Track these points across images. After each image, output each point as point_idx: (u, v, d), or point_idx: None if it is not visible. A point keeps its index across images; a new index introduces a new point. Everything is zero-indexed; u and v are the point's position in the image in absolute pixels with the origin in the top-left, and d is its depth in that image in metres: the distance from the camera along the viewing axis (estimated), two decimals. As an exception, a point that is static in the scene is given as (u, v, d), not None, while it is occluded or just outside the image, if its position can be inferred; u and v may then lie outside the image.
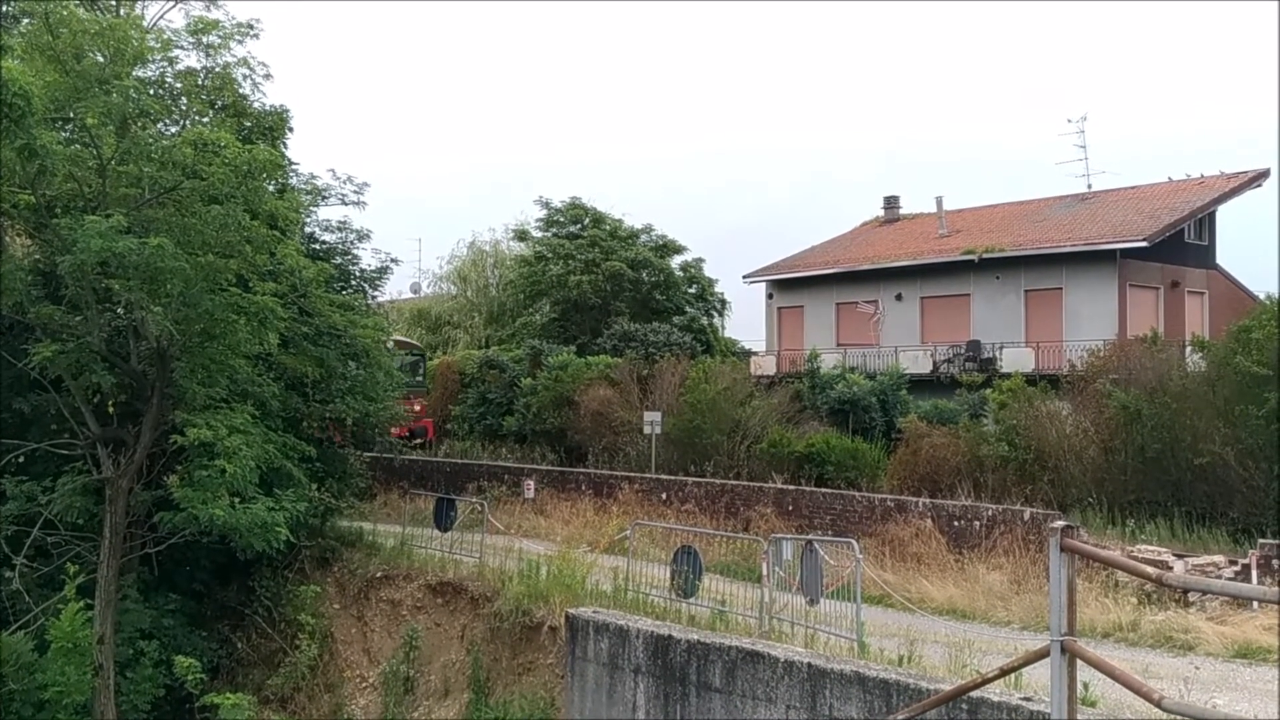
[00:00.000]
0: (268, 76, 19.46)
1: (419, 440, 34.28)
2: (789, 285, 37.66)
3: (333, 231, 23.87)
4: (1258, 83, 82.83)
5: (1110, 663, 5.72)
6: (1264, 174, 31.70)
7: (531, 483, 24.69)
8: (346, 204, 22.79)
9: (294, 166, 21.52)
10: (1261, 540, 14.34)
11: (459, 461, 28.72)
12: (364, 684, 18.41)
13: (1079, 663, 6.52)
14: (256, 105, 20.01)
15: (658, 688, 11.81)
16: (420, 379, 35.73)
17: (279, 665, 18.68)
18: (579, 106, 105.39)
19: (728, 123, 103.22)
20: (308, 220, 22.49)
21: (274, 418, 18.88)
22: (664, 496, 22.19)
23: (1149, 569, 5.32)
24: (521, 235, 43.37)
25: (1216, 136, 72.47)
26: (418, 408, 34.16)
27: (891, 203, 39.86)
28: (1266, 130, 70.61)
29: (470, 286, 49.09)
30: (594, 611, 13.24)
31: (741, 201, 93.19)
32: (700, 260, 40.67)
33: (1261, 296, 24.38)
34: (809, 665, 9.98)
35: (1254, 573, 13.83)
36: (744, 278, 39.17)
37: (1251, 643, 12.58)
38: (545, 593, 15.51)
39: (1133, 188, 33.77)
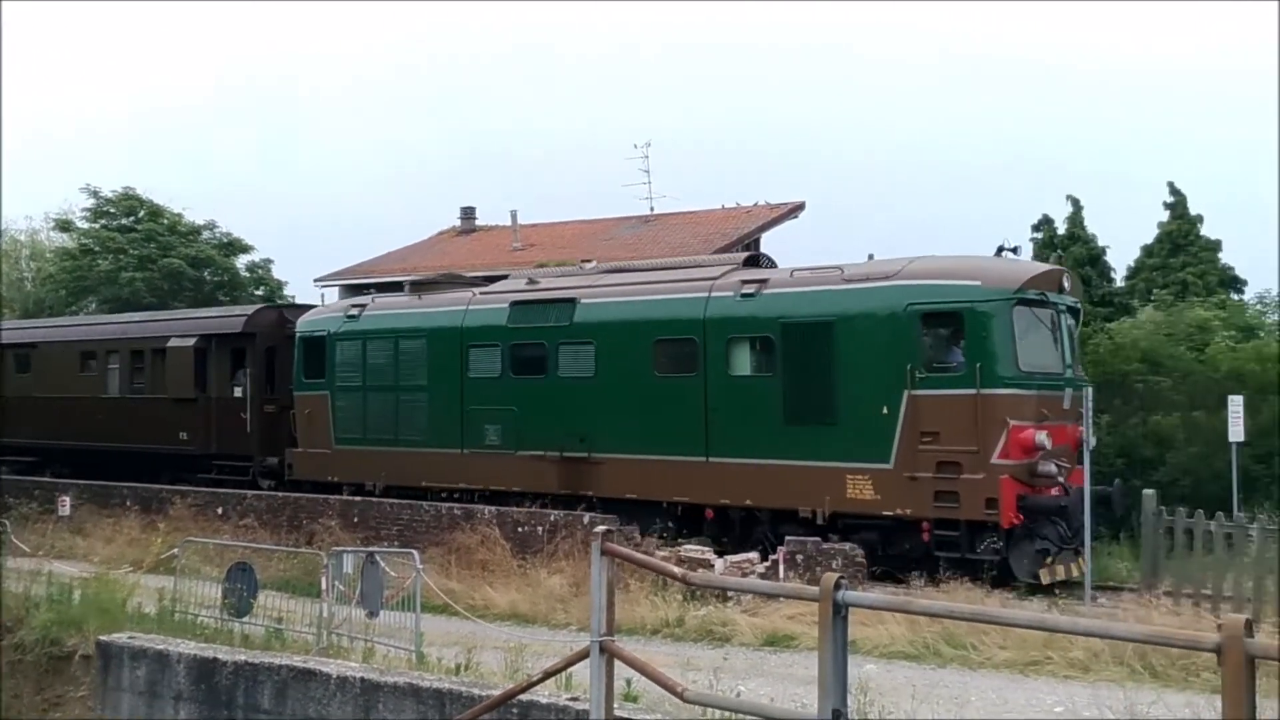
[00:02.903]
0: None
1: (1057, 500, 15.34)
2: (362, 291, 36.90)
3: None
4: (800, 119, 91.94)
5: (641, 660, 6.02)
6: (800, 206, 35.10)
7: (68, 499, 22.41)
8: None
9: None
10: (789, 537, 15.80)
11: (-21, 477, 25.52)
12: None
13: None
14: None
15: (201, 714, 11.04)
16: (1080, 379, 16.84)
17: None
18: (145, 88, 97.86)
19: (303, 120, 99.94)
20: None
21: None
22: (220, 511, 20.94)
23: (675, 569, 5.65)
24: (64, 225, 39.62)
25: (759, 170, 79.78)
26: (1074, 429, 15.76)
27: (469, 213, 40.21)
28: (806, 166, 78.68)
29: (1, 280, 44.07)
30: (129, 637, 12.18)
31: (317, 204, 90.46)
32: (269, 261, 39.06)
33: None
34: (362, 680, 9.73)
35: (781, 567, 15.22)
36: (316, 281, 37.88)
37: (778, 631, 13.77)
38: (79, 619, 14.08)
39: (691, 212, 36.22)
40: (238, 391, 24.53)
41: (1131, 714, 8.07)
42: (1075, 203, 28.35)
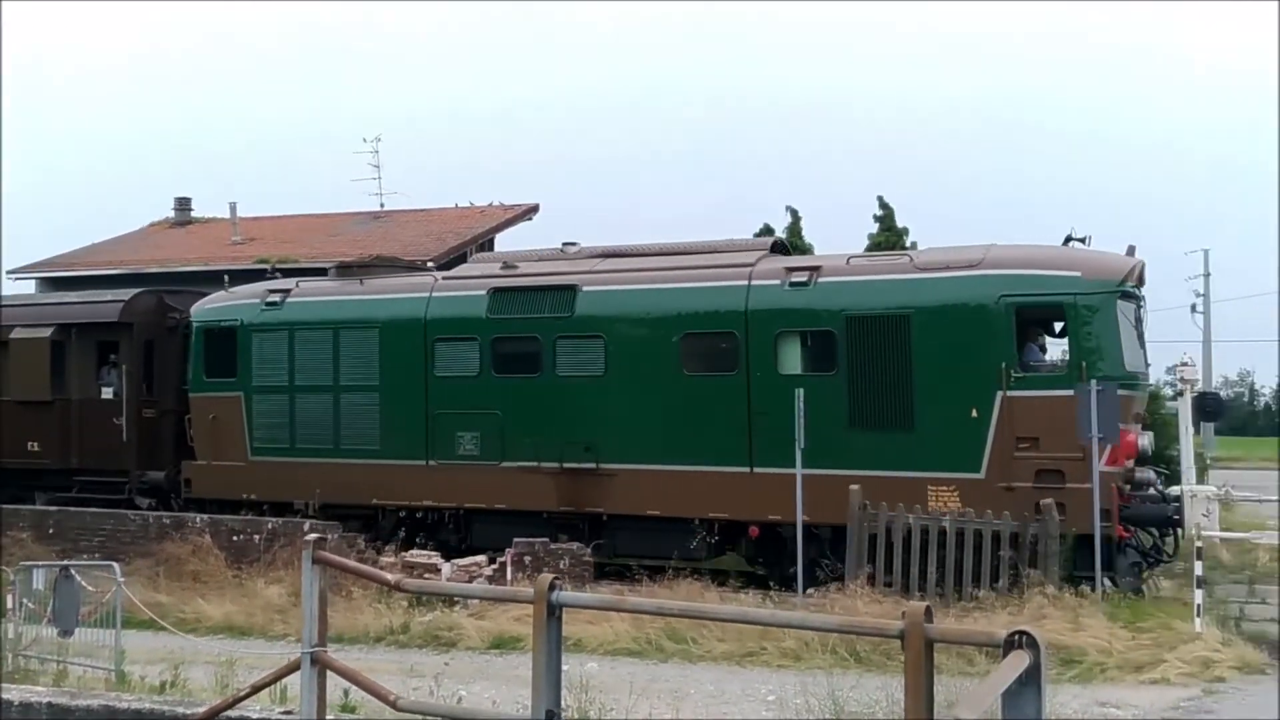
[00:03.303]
0: None
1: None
2: (65, 285, 34.28)
3: None
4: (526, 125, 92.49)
5: (353, 669, 5.84)
6: (534, 208, 35.27)
7: None
8: None
9: None
10: (516, 539, 15.78)
11: None
12: None
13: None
14: None
15: None
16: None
17: None
18: None
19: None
20: None
21: None
22: (-111, 524, 18.86)
23: (387, 576, 5.52)
24: None
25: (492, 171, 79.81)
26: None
27: (184, 204, 38.14)
28: (533, 169, 79.31)
29: None
30: None
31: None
32: (-47, 251, 35.58)
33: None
34: (50, 704, 8.97)
35: (509, 569, 15.18)
36: (10, 274, 34.97)
37: (505, 633, 13.73)
38: None
39: (423, 210, 35.67)
40: (108, 393, 20.50)
41: (833, 698, 8.53)
42: (794, 213, 29.78)
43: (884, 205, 29.83)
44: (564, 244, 18.66)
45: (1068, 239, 15.42)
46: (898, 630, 4.24)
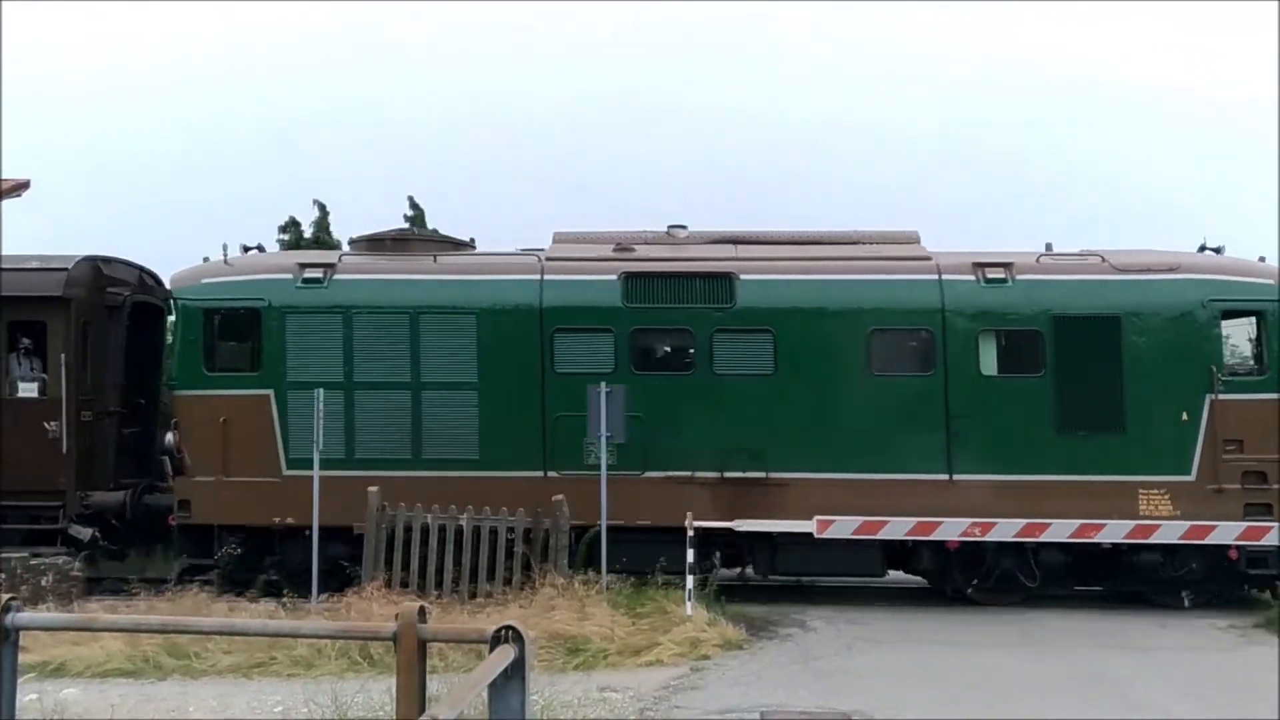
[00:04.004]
0: None
1: None
2: None
3: None
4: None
5: None
6: (25, 184, 31.71)
7: None
8: None
9: None
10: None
11: None
12: None
13: None
14: None
15: None
16: None
17: None
18: None
19: None
20: None
21: None
22: None
23: None
24: None
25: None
26: None
27: None
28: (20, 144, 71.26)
29: None
30: None
31: None
32: None
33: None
34: None
35: (-21, 588, 13.50)
36: None
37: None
38: None
39: (-121, 180, 30.95)
40: (28, 389, 15.83)
41: (337, 704, 8.37)
42: (322, 207, 29.04)
43: (415, 205, 29.93)
44: (670, 227, 16.53)
45: (1201, 248, 15.80)
46: (391, 632, 4.21)
